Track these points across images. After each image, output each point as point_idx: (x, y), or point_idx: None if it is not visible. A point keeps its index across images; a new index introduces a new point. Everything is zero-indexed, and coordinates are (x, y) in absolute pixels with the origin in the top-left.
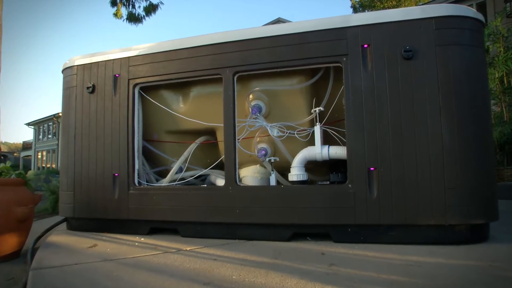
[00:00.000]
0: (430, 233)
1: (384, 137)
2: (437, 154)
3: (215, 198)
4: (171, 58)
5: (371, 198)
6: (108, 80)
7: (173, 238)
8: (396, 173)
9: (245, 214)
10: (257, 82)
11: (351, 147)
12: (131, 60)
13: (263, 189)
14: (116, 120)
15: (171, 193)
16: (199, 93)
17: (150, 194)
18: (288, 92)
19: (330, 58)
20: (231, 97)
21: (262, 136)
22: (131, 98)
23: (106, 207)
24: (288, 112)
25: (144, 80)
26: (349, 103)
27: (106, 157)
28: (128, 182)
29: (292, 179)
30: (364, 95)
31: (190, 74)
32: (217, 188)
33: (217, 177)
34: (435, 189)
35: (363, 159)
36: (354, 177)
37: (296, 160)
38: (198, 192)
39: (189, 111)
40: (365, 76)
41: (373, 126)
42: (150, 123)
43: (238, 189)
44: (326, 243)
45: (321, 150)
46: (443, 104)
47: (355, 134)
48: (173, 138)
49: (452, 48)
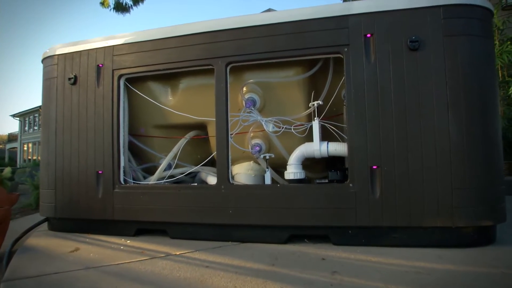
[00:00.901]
0: (435, 236)
1: (387, 133)
2: (443, 152)
3: (207, 197)
4: (159, 47)
5: (374, 198)
6: (91, 70)
7: (162, 240)
8: (400, 172)
9: (239, 214)
10: (252, 74)
11: (352, 144)
12: (116, 49)
13: (258, 188)
14: (99, 114)
15: (159, 192)
16: (189, 85)
17: (137, 193)
18: (284, 84)
19: (330, 48)
20: (223, 89)
21: (256, 131)
22: (115, 90)
23: (90, 206)
24: (284, 105)
25: (129, 71)
26: (351, 97)
27: (89, 153)
28: (113, 180)
29: (289, 177)
30: (367, 88)
31: (179, 65)
32: (208, 187)
33: (208, 174)
34: (442, 189)
35: (365, 157)
36: (355, 176)
37: (292, 157)
38: (188, 191)
39: (179, 104)
40: (368, 68)
41: (376, 122)
42: (136, 117)
43: (231, 188)
44: (325, 246)
45: (320, 147)
46: (450, 99)
47: (357, 130)
48: (161, 133)
49: (461, 39)
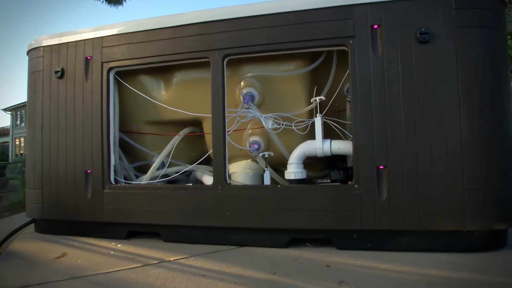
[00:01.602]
0: (445, 240)
1: (395, 131)
2: (454, 151)
3: (202, 198)
4: (151, 39)
5: (380, 200)
6: (79, 63)
7: (154, 243)
8: (409, 173)
9: (237, 217)
10: (250, 67)
11: (357, 143)
12: (105, 41)
13: (257, 189)
14: (88, 109)
15: (152, 193)
16: (184, 79)
17: (128, 194)
18: (284, 78)
19: (334, 40)
20: (220, 83)
21: (254, 128)
22: (105, 84)
23: (78, 208)
24: (285, 101)
25: (120, 64)
26: (356, 93)
27: (77, 151)
28: (102, 180)
29: (289, 177)
30: (373, 83)
31: (173, 57)
32: (204, 188)
33: (204, 173)
34: (453, 190)
35: (371, 156)
36: (361, 176)
37: (293, 156)
38: (183, 192)
39: (172, 100)
40: (375, 61)
41: (383, 119)
42: (127, 113)
43: (228, 188)
44: (328, 251)
45: (323, 145)
46: (462, 95)
47: (363, 128)
48: (154, 130)
49: (474, 31)
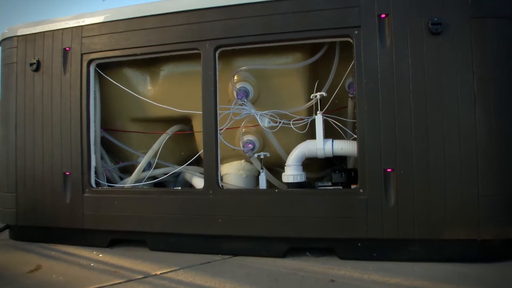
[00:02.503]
0: (458, 249)
1: (404, 131)
2: (469, 154)
3: (192, 203)
4: (135, 28)
5: (388, 207)
6: (56, 54)
7: (140, 253)
8: (419, 176)
9: (230, 224)
10: (244, 60)
11: (363, 143)
12: (85, 30)
13: (252, 194)
14: (66, 105)
15: (137, 197)
16: (172, 72)
17: (110, 198)
18: (282, 72)
19: (337, 30)
20: (211, 77)
21: (249, 126)
22: (85, 78)
23: (56, 213)
24: (282, 97)
25: (101, 55)
26: (362, 89)
27: (54, 151)
28: (82, 183)
29: (287, 180)
30: (381, 78)
31: (159, 49)
32: (194, 192)
33: (194, 175)
34: (467, 196)
35: (378, 158)
36: (366, 180)
37: (292, 157)
38: (171, 197)
39: (159, 95)
40: (382, 54)
41: (391, 117)
42: (110, 109)
43: (220, 193)
44: (331, 261)
45: (324, 145)
46: (478, 92)
47: (369, 127)
48: (139, 128)
49: (491, 21)
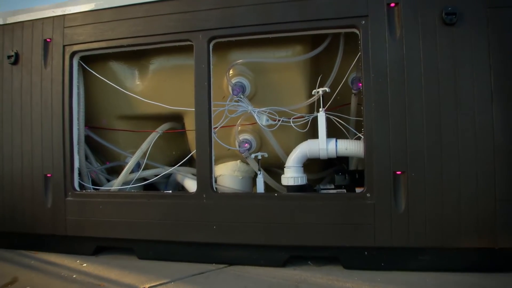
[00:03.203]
0: (472, 258)
1: (416, 130)
2: (485, 155)
3: (184, 208)
4: (122, 17)
5: (397, 212)
6: (36, 46)
7: (127, 262)
8: (432, 179)
9: (225, 231)
10: (241, 53)
11: (370, 144)
12: (68, 20)
13: (249, 198)
14: (47, 101)
15: (124, 201)
16: (162, 66)
17: (95, 202)
18: (281, 67)
19: (342, 21)
20: (205, 71)
21: (245, 124)
22: (67, 72)
23: (36, 218)
24: (281, 93)
25: (85, 47)
26: (369, 84)
27: (34, 151)
28: (65, 186)
29: (287, 183)
30: (390, 73)
31: (149, 40)
32: (186, 196)
33: (185, 176)
34: (483, 201)
35: (387, 160)
36: (374, 183)
37: (292, 158)
38: (161, 201)
39: (149, 91)
40: (392, 46)
41: (401, 115)
42: (96, 106)
43: (215, 197)
44: (335, 271)
45: (327, 145)
46: (495, 87)
47: (377, 126)
48: (127, 126)
49: (509, 11)
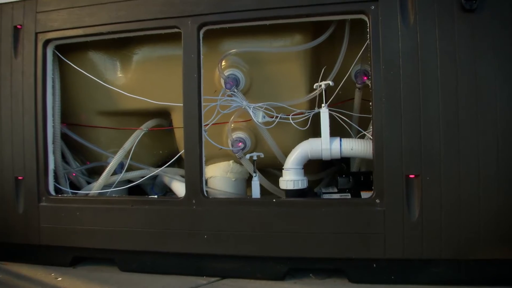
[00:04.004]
0: (492, 271)
1: (431, 128)
2: (509, 156)
3: (171, 215)
4: (102, 1)
5: (410, 220)
6: (5, 34)
7: (108, 275)
8: (448, 183)
9: (217, 240)
10: (235, 42)
11: (380, 144)
12: (41, 4)
13: (244, 204)
14: (18, 95)
15: (104, 207)
16: (147, 56)
17: (72, 208)
18: (279, 57)
19: (349, 5)
20: (194, 62)
21: (239, 121)
22: (40, 62)
23: (7, 226)
24: (279, 87)
25: (60, 35)
26: (379, 77)
27: (4, 151)
28: (38, 189)
29: (286, 186)
30: (403, 64)
31: (132, 27)
32: (173, 201)
33: (173, 178)
34: (505, 207)
35: (398, 162)
36: (384, 188)
37: (291, 159)
38: (145, 207)
39: (132, 84)
40: (404, 35)
41: (415, 112)
42: (73, 101)
43: (205, 202)
44: (339, 285)
45: (330, 145)
46: None
47: (388, 123)
48: (109, 123)
49: None
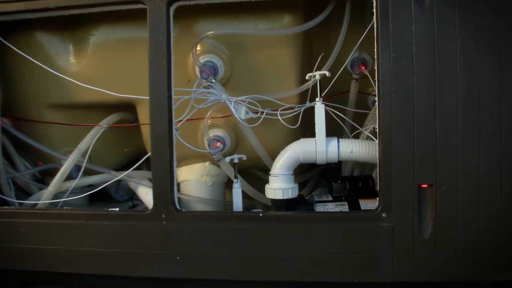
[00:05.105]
0: None
1: (448, 130)
2: None
3: (136, 232)
4: None
5: (422, 238)
6: None
7: None
8: (468, 195)
9: (192, 263)
10: (212, 22)
11: (387, 147)
12: None
13: (224, 219)
14: None
15: (55, 223)
16: (106, 38)
17: (16, 224)
18: (265, 42)
19: None
20: (163, 46)
21: (217, 117)
22: None
23: None
24: (265, 77)
25: None
26: (387, 67)
27: None
28: None
29: (274, 196)
30: (416, 52)
31: (86, 1)
32: (139, 215)
33: (139, 183)
34: None
35: (409, 169)
36: (392, 199)
37: (280, 162)
38: (104, 223)
39: (89, 71)
40: (419, 18)
41: (430, 110)
42: (18, 91)
43: (178, 217)
44: None
45: (327, 147)
46: None
47: (398, 123)
48: (63, 118)
49: None
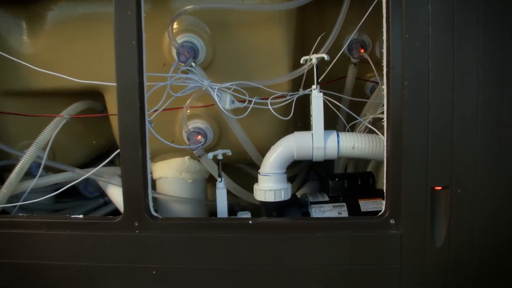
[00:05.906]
0: None
1: (466, 124)
2: None
3: (106, 244)
4: None
5: (434, 246)
6: None
7: None
8: (486, 198)
9: (170, 278)
10: None
11: (397, 143)
12: None
13: (208, 227)
14: None
15: (8, 233)
16: (66, 14)
17: None
18: (254, 19)
19: None
20: (132, 24)
21: (198, 106)
22: None
23: None
24: (254, 61)
25: None
26: (399, 50)
27: None
28: None
29: (265, 198)
30: (433, 34)
31: None
32: (108, 223)
33: (109, 182)
34: None
35: (422, 169)
36: (402, 203)
37: (271, 160)
38: (66, 232)
39: (47, 53)
40: None
41: (447, 101)
42: None
43: (153, 225)
44: None
45: (325, 142)
46: None
47: (409, 116)
48: (21, 107)
49: None
